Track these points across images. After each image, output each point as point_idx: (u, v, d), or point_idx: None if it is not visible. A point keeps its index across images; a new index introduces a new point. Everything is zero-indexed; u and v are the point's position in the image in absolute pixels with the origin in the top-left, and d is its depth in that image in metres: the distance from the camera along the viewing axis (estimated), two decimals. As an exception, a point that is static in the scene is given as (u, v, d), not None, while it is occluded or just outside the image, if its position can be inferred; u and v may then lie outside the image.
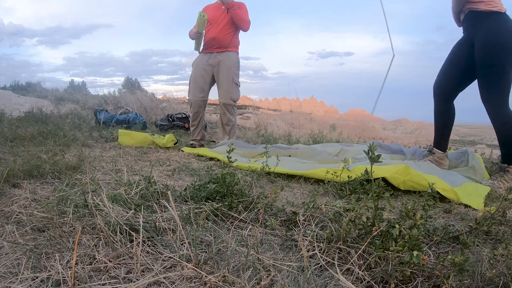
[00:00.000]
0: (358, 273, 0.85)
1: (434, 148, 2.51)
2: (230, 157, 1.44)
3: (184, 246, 0.92)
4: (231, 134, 3.44)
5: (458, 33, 2.42)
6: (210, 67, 3.32)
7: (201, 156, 2.92)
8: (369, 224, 0.96)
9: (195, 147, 3.33)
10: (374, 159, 0.86)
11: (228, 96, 3.30)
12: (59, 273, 0.78)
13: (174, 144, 3.34)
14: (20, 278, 0.77)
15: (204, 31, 3.26)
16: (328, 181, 1.92)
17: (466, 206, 1.64)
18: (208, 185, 1.42)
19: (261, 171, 1.99)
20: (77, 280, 0.76)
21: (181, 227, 0.94)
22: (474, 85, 2.34)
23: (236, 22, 3.21)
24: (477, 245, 1.11)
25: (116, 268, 0.83)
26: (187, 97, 3.54)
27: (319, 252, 0.94)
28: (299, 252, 0.98)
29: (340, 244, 0.96)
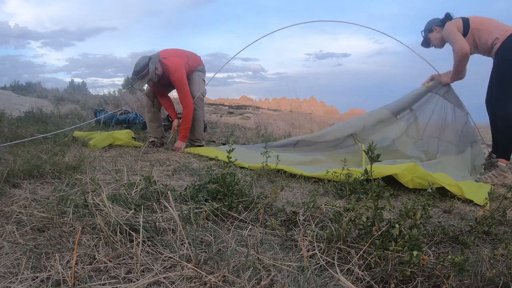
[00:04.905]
0: (358, 273, 0.85)
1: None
2: (231, 157, 1.44)
3: (184, 246, 0.92)
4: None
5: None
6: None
7: (201, 156, 2.92)
8: (369, 224, 0.96)
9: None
10: (374, 159, 0.86)
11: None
12: (59, 273, 0.78)
13: (132, 138, 3.30)
14: (20, 278, 0.77)
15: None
16: (328, 181, 1.93)
17: (468, 203, 1.66)
18: (208, 185, 1.41)
19: (261, 171, 1.99)
20: (77, 280, 0.76)
21: (181, 227, 0.94)
22: (474, 86, 2.35)
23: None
24: (477, 245, 1.11)
25: (116, 268, 0.83)
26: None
27: (319, 252, 0.94)
28: (299, 252, 0.98)
29: (340, 244, 0.96)
